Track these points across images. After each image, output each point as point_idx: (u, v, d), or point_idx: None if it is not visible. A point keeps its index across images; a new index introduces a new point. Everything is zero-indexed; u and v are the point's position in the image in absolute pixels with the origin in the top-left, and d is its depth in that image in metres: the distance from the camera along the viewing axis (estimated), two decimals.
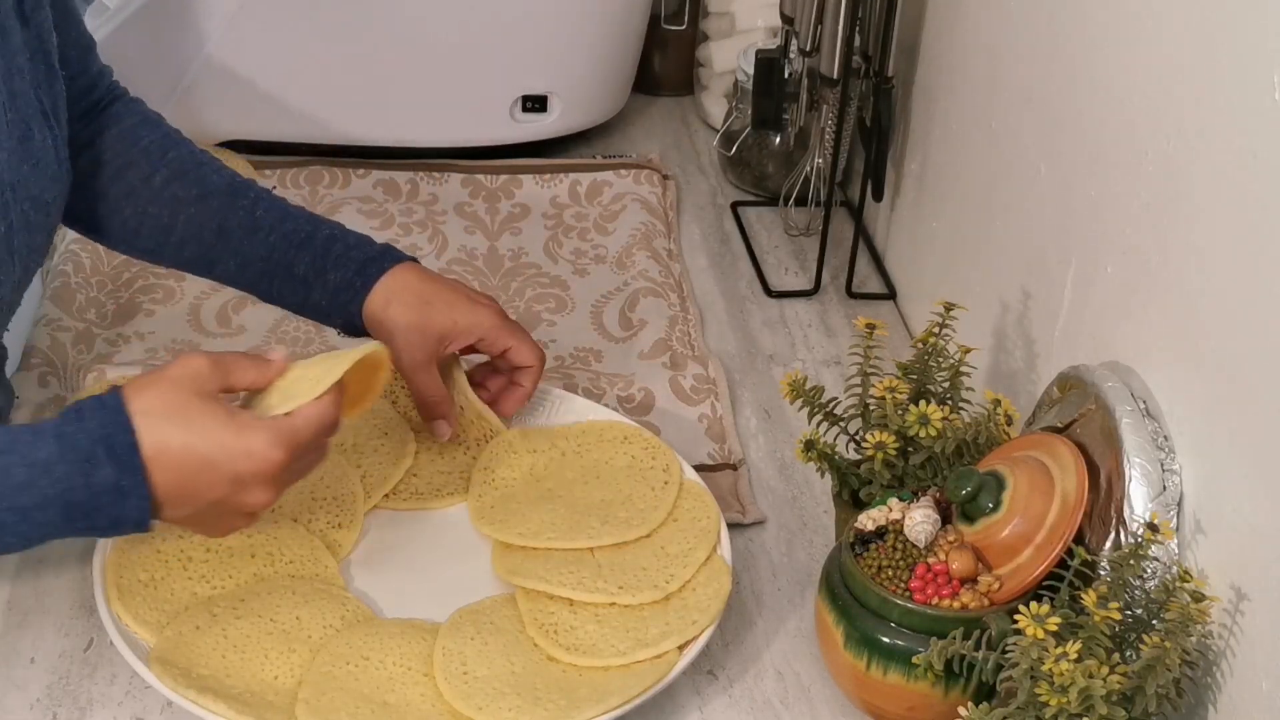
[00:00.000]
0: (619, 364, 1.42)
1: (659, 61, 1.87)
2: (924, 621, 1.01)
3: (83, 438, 0.95)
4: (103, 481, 0.95)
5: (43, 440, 0.95)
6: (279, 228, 1.23)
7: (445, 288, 1.22)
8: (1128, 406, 1.02)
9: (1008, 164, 1.28)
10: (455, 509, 1.22)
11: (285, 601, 1.11)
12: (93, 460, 0.95)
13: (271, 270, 1.22)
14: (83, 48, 1.24)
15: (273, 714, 1.02)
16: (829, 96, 1.48)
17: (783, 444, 1.35)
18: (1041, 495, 1.02)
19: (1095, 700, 0.89)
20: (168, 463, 0.96)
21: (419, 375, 1.20)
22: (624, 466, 1.24)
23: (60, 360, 1.37)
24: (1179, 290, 1.01)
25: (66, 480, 0.95)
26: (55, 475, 0.95)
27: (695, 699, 1.11)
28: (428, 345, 1.19)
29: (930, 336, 1.16)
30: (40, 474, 0.95)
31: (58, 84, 1.15)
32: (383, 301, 1.19)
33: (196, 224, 1.23)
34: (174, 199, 1.23)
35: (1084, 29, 1.13)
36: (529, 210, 1.64)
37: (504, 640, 1.09)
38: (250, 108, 1.63)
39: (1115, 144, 1.09)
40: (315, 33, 1.59)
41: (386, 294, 1.20)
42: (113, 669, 1.09)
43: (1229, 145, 0.94)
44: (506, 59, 1.64)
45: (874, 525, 1.06)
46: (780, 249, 1.63)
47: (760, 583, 1.21)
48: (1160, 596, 0.95)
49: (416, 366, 1.19)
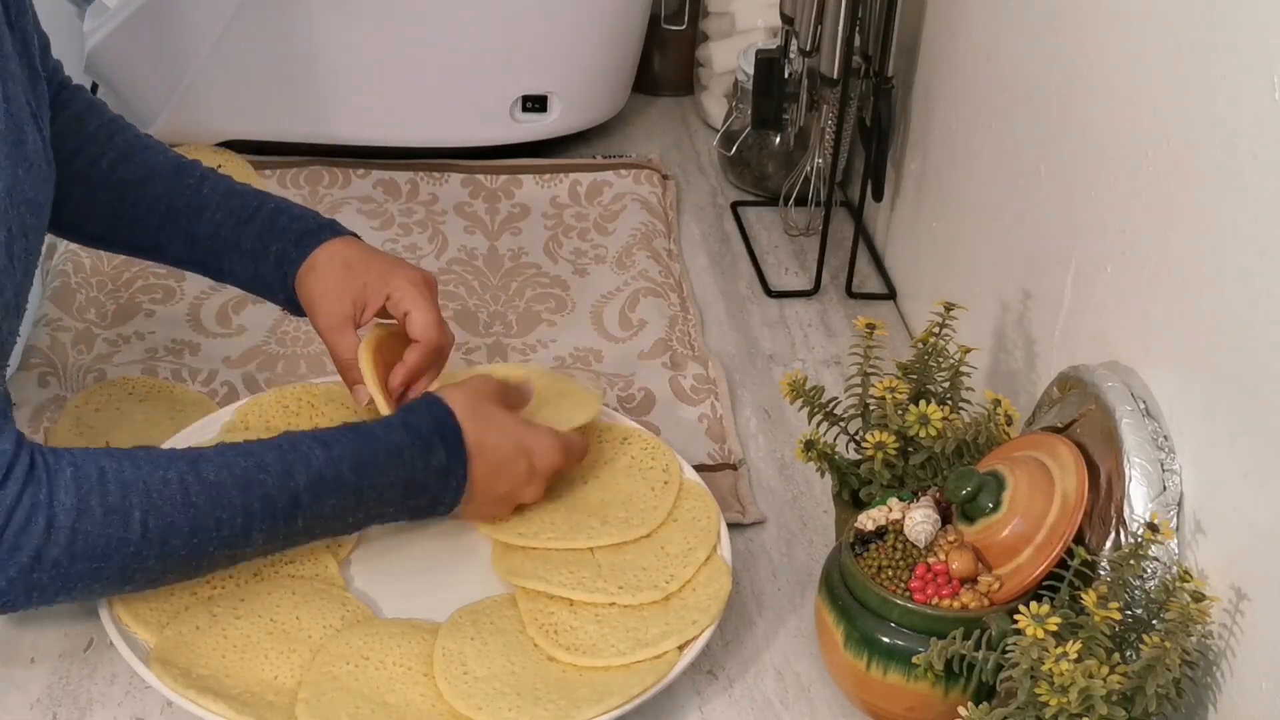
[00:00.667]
0: (619, 364, 1.42)
1: (659, 61, 1.86)
2: (924, 621, 1.01)
3: (424, 427, 1.10)
4: (437, 464, 1.10)
5: (395, 430, 1.10)
6: (225, 204, 1.24)
7: (374, 257, 1.22)
8: (1128, 406, 1.02)
9: (1008, 164, 1.28)
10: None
11: (285, 601, 1.11)
12: (431, 446, 1.10)
13: (219, 247, 1.23)
14: (42, 47, 1.24)
15: (273, 714, 1.02)
16: (829, 96, 1.48)
17: (783, 444, 1.35)
18: (1041, 495, 1.02)
19: (1095, 700, 0.89)
20: (484, 454, 1.12)
21: (331, 336, 1.20)
22: (624, 466, 1.24)
23: (60, 360, 1.36)
24: (1179, 290, 1.01)
25: (412, 464, 1.09)
26: (405, 459, 1.09)
27: (695, 699, 1.11)
28: (343, 307, 1.19)
29: (930, 336, 1.16)
30: (395, 457, 1.08)
31: (40, 86, 1.16)
32: (309, 269, 1.20)
33: (145, 205, 1.24)
34: (121, 182, 1.24)
35: (1083, 29, 1.13)
36: (529, 210, 1.64)
37: (504, 640, 1.09)
38: (250, 108, 1.63)
39: (1115, 144, 1.09)
40: (315, 33, 1.59)
41: (315, 263, 1.21)
42: (113, 669, 1.09)
43: (1229, 145, 0.94)
44: (506, 59, 1.64)
45: (874, 525, 1.06)
46: (780, 249, 1.63)
47: (760, 583, 1.21)
48: (1160, 596, 0.95)
49: (329, 328, 1.20)
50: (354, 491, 1.07)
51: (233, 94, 1.62)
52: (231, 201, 1.24)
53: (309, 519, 1.06)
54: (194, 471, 1.01)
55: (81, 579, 0.98)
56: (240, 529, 1.03)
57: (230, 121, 1.65)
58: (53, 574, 0.97)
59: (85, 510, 0.97)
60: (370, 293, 1.19)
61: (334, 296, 1.19)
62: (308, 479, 1.05)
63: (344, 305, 1.19)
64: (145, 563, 1.00)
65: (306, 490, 1.05)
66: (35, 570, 0.96)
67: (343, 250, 1.21)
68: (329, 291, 1.20)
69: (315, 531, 1.08)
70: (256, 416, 1.26)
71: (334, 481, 1.06)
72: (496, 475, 1.13)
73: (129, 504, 0.98)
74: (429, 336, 1.19)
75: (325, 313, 1.20)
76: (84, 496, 0.97)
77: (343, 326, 1.19)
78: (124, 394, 1.31)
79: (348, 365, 1.20)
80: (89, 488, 0.98)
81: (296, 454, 1.05)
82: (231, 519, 1.02)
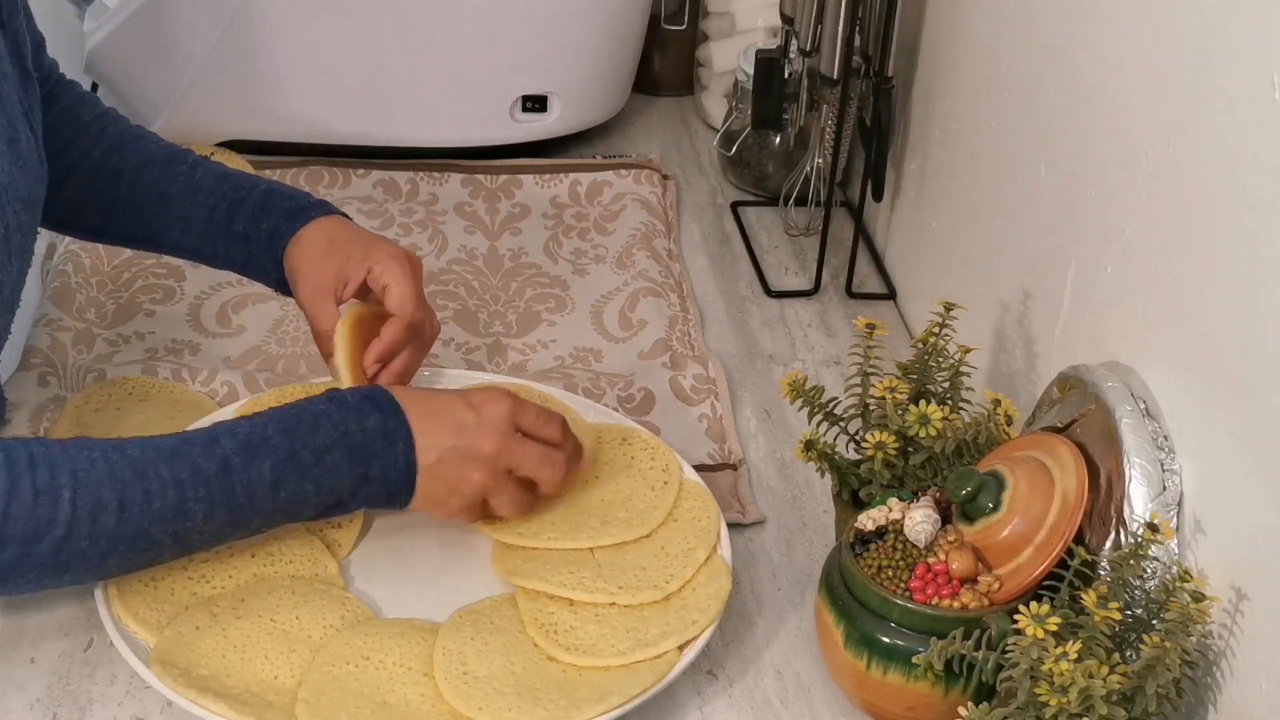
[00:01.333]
0: (619, 364, 1.42)
1: (659, 61, 1.87)
2: (924, 621, 1.01)
3: (349, 397, 1.09)
4: (375, 426, 1.08)
5: (317, 401, 1.09)
6: (217, 188, 1.25)
7: (359, 233, 1.23)
8: (1128, 406, 1.02)
9: (1008, 164, 1.28)
10: None
11: (285, 601, 1.11)
12: (361, 410, 1.08)
13: (213, 231, 1.24)
14: (36, 45, 1.25)
15: (273, 714, 1.02)
16: (829, 96, 1.48)
17: (783, 444, 1.35)
18: (1041, 495, 1.02)
19: (1095, 700, 0.89)
20: (414, 402, 1.10)
21: (311, 306, 1.21)
22: (624, 467, 1.24)
23: (60, 360, 1.36)
24: (1179, 290, 1.01)
25: (344, 424, 1.07)
26: (335, 420, 1.07)
27: (695, 699, 1.11)
28: (324, 279, 1.20)
29: (930, 336, 1.16)
30: (323, 419, 1.07)
31: (32, 86, 1.16)
32: (295, 242, 1.22)
33: (138, 193, 1.25)
34: (114, 171, 1.25)
35: (1083, 29, 1.13)
36: (529, 210, 1.64)
37: (504, 640, 1.09)
38: (250, 108, 1.63)
39: (1115, 144, 1.09)
40: (315, 33, 1.59)
41: (301, 237, 1.22)
42: (113, 669, 1.09)
43: (1229, 145, 0.94)
44: (506, 59, 1.64)
45: (874, 525, 1.06)
46: (780, 249, 1.63)
47: (760, 583, 1.21)
48: (1160, 596, 0.95)
49: (309, 298, 1.21)
50: (289, 455, 1.05)
51: (233, 94, 1.62)
52: (224, 185, 1.25)
53: (248, 488, 1.04)
54: (119, 450, 1.02)
55: (14, 568, 0.98)
56: (173, 501, 1.02)
57: (230, 121, 1.65)
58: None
59: (15, 493, 0.97)
60: (352, 266, 1.20)
61: (316, 268, 1.20)
62: (234, 444, 1.04)
63: (325, 277, 1.20)
64: (78, 544, 0.99)
65: (235, 454, 1.04)
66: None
67: (330, 226, 1.23)
68: (311, 263, 1.21)
69: (264, 504, 1.06)
70: None
71: (262, 445, 1.05)
72: (438, 420, 1.10)
73: (58, 484, 0.99)
74: (405, 310, 1.19)
75: (306, 282, 1.21)
76: (15, 479, 0.98)
77: (323, 297, 1.20)
78: (124, 394, 1.31)
79: (325, 336, 1.20)
80: (19, 471, 0.98)
81: (220, 427, 1.06)
82: (161, 489, 1.01)
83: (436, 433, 1.10)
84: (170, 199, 1.25)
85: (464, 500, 1.12)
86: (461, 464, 1.10)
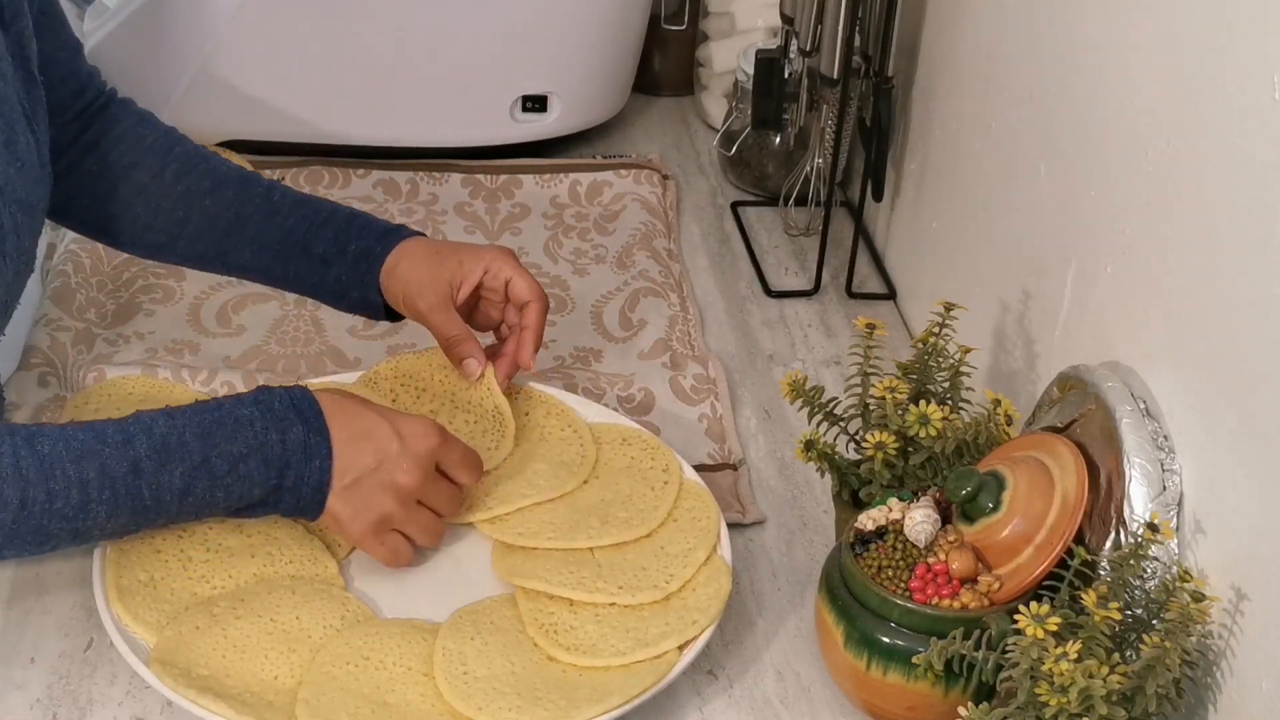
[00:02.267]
0: (619, 364, 1.42)
1: (659, 61, 1.87)
2: (924, 621, 1.01)
3: (277, 403, 1.08)
4: (295, 439, 1.07)
5: (243, 404, 1.08)
6: (297, 210, 1.27)
7: (455, 244, 1.29)
8: (1128, 406, 1.02)
9: (1008, 164, 1.28)
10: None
11: (285, 601, 1.11)
12: (286, 420, 1.08)
13: (288, 252, 1.26)
14: (71, 50, 1.25)
15: (273, 714, 1.02)
16: (829, 96, 1.48)
17: (783, 444, 1.35)
18: (1041, 495, 1.02)
19: (1095, 700, 0.89)
20: (343, 420, 1.09)
21: (435, 316, 1.23)
22: (624, 467, 1.24)
23: (60, 360, 1.36)
24: (1179, 290, 1.01)
25: (265, 435, 1.07)
26: (256, 429, 1.07)
27: (695, 699, 1.11)
28: (439, 288, 1.23)
29: (930, 336, 1.16)
30: (244, 427, 1.06)
31: (36, 89, 1.16)
32: (394, 261, 1.24)
33: (212, 213, 1.26)
34: (187, 191, 1.26)
35: (1083, 29, 1.13)
36: (529, 210, 1.64)
37: (504, 640, 1.09)
38: (250, 108, 1.63)
39: (1115, 144, 1.09)
40: (315, 33, 1.59)
41: (399, 256, 1.25)
42: (113, 669, 1.09)
43: (1229, 145, 0.94)
44: (506, 59, 1.64)
45: (874, 525, 1.06)
46: (780, 249, 1.63)
47: (760, 583, 1.21)
48: (1160, 596, 0.95)
49: (432, 309, 1.23)
50: (202, 462, 1.04)
51: (233, 94, 1.62)
52: (303, 208, 1.27)
53: (156, 491, 1.04)
54: (28, 445, 1.01)
55: None
56: (76, 501, 1.01)
57: (230, 121, 1.65)
58: None
59: None
60: (466, 270, 1.24)
61: (430, 280, 1.23)
62: (149, 446, 1.03)
63: (441, 286, 1.23)
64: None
65: (148, 458, 1.03)
66: None
67: (424, 243, 1.26)
68: (425, 276, 1.23)
69: (170, 507, 1.05)
70: None
71: (178, 449, 1.04)
72: (362, 444, 1.09)
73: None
74: (535, 292, 1.24)
75: (427, 295, 1.23)
76: None
77: (445, 306, 1.23)
78: (123, 394, 1.31)
79: (453, 342, 1.24)
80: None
81: (139, 425, 1.05)
82: (65, 490, 1.01)
83: (358, 456, 1.09)
84: (246, 219, 1.26)
85: (369, 526, 1.11)
86: (376, 491, 1.10)
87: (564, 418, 1.28)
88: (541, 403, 1.29)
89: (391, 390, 1.29)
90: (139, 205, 1.26)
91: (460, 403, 1.27)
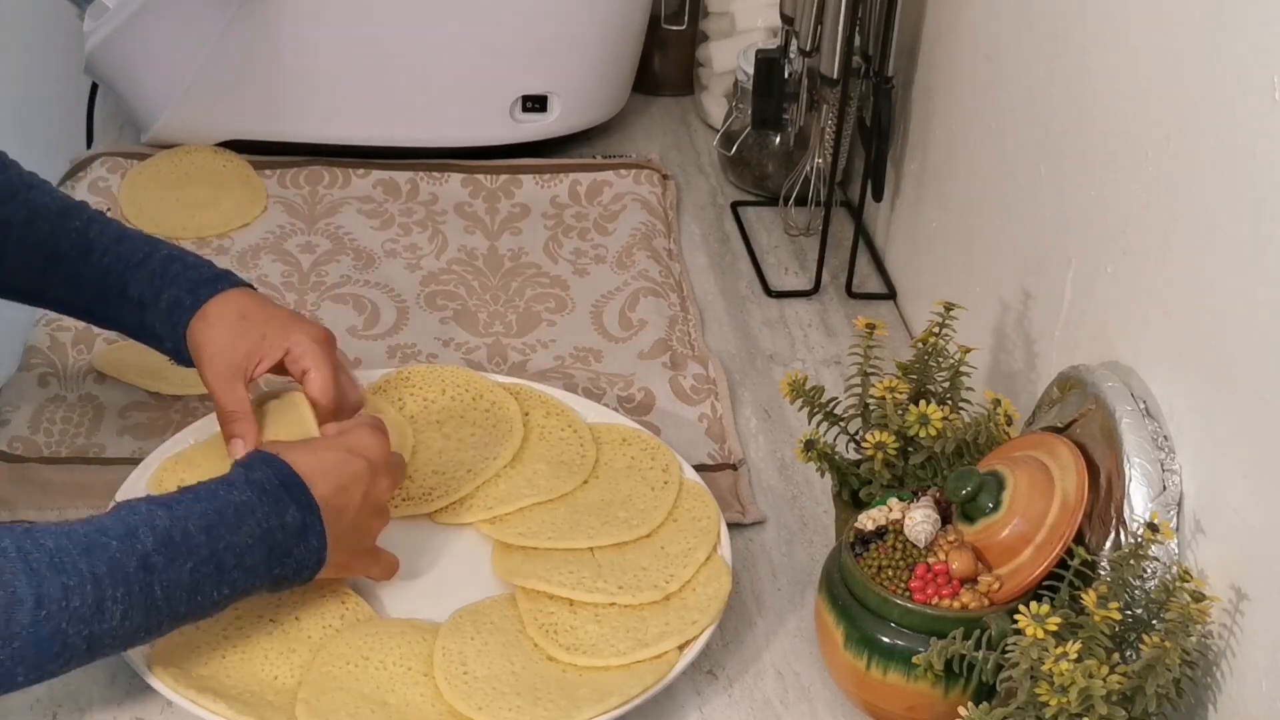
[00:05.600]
0: (619, 364, 1.42)
1: (659, 61, 1.86)
2: (924, 621, 1.01)
3: (266, 483, 1.03)
4: (292, 522, 1.03)
5: (236, 488, 1.02)
6: (114, 249, 1.19)
7: (272, 309, 1.18)
8: (1128, 406, 1.02)
9: (1008, 164, 1.28)
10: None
11: (285, 601, 1.11)
12: (281, 502, 1.03)
13: (105, 293, 1.19)
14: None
15: (273, 714, 1.02)
16: (829, 96, 1.48)
17: (783, 444, 1.35)
18: (1041, 495, 1.02)
19: (1095, 700, 0.89)
20: (322, 479, 1.05)
21: (218, 387, 1.15)
22: (624, 467, 1.24)
23: (60, 360, 1.37)
24: (1179, 290, 1.01)
25: (267, 521, 1.02)
26: (259, 516, 1.01)
27: (695, 699, 1.11)
28: (233, 359, 1.15)
29: (930, 336, 1.16)
30: (246, 515, 1.01)
31: None
32: (202, 319, 1.16)
33: (28, 247, 1.19)
34: (3, 222, 1.19)
35: (1084, 29, 1.13)
36: (529, 210, 1.64)
37: (504, 640, 1.09)
38: (250, 108, 1.63)
39: (1115, 144, 1.09)
40: (315, 33, 1.59)
41: (206, 312, 1.17)
42: (113, 669, 1.09)
43: (1229, 145, 0.94)
44: (506, 59, 1.64)
45: (874, 525, 1.06)
46: (780, 249, 1.63)
47: (760, 583, 1.21)
48: (1160, 596, 0.95)
49: (216, 378, 1.15)
50: (211, 556, 0.98)
51: (233, 94, 1.62)
52: (121, 247, 1.19)
53: (168, 587, 0.97)
54: (30, 538, 0.93)
55: None
56: (92, 600, 0.93)
57: (230, 121, 1.65)
58: None
59: None
60: (268, 346, 1.16)
61: (227, 347, 1.15)
62: (155, 540, 0.96)
63: (236, 356, 1.15)
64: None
65: (156, 553, 0.96)
66: None
67: (239, 300, 1.17)
68: (222, 341, 1.15)
69: (178, 607, 0.98)
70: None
71: (184, 543, 0.97)
72: (343, 495, 1.06)
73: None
74: (328, 397, 1.16)
75: (216, 363, 1.15)
76: None
77: (233, 378, 1.15)
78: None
79: (232, 418, 1.15)
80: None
81: (137, 517, 0.98)
82: (80, 585, 0.92)
83: (345, 507, 1.06)
84: (61, 255, 1.18)
85: (365, 555, 1.11)
86: (365, 520, 1.09)
87: (564, 418, 1.28)
88: (541, 403, 1.29)
89: (400, 397, 1.29)
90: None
91: (467, 416, 1.28)
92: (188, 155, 1.64)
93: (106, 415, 1.31)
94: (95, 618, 0.94)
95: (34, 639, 0.92)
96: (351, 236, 1.57)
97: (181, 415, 1.31)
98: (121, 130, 1.74)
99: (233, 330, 1.16)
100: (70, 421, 1.30)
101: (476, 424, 1.27)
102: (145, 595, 0.96)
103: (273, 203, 1.61)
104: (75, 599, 0.93)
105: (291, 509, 1.03)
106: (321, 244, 1.56)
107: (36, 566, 0.92)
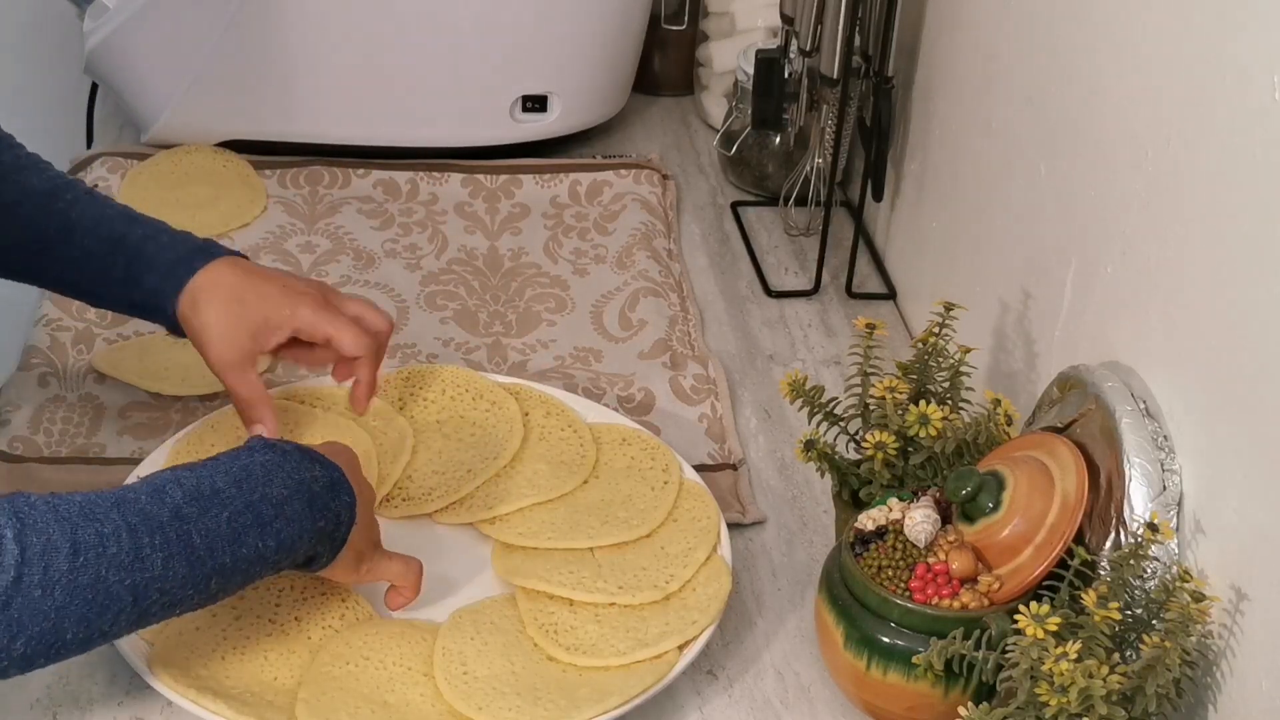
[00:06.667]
0: (619, 364, 1.42)
1: (659, 61, 1.86)
2: (924, 621, 1.01)
3: (287, 448, 1.03)
4: (323, 476, 1.03)
5: (259, 452, 1.02)
6: (94, 230, 1.18)
7: (261, 281, 1.16)
8: (1128, 406, 1.02)
9: (1008, 164, 1.28)
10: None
11: (285, 601, 1.11)
12: (306, 461, 1.03)
13: (93, 275, 1.18)
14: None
15: (273, 714, 1.02)
16: (829, 96, 1.48)
17: (783, 444, 1.35)
18: (1041, 495, 1.02)
19: (1095, 700, 0.89)
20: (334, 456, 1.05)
21: (230, 375, 1.15)
22: (624, 467, 1.24)
23: (60, 360, 1.37)
24: (1179, 290, 1.01)
25: (298, 474, 1.01)
26: (288, 470, 1.01)
27: (695, 699, 1.11)
28: (240, 344, 1.14)
29: (930, 336, 1.16)
30: (275, 470, 1.00)
31: None
32: (191, 303, 1.14)
33: (18, 230, 1.19)
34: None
35: (1084, 29, 1.13)
36: (529, 210, 1.64)
37: (504, 640, 1.09)
38: (250, 108, 1.63)
39: (1115, 144, 1.09)
40: (315, 33, 1.59)
41: (195, 295, 1.15)
42: (113, 669, 1.09)
43: (1229, 145, 0.94)
44: (506, 59, 1.64)
45: (874, 525, 1.06)
46: (780, 249, 1.63)
47: (760, 583, 1.21)
48: (1160, 596, 0.95)
49: (226, 366, 1.14)
50: (247, 506, 0.97)
51: (233, 94, 1.62)
52: (100, 229, 1.18)
53: (206, 536, 0.95)
54: (56, 497, 0.92)
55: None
56: (129, 547, 0.91)
57: (230, 121, 1.65)
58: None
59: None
60: (272, 327, 1.15)
61: (227, 334, 1.14)
62: (184, 495, 0.95)
63: (241, 342, 1.14)
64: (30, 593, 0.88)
65: (188, 504, 0.95)
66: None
67: (226, 278, 1.15)
68: (221, 328, 1.14)
69: (224, 557, 0.96)
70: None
71: (214, 496, 0.96)
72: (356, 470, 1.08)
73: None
74: (363, 348, 1.17)
75: (218, 353, 1.14)
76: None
77: (243, 365, 1.14)
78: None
79: (248, 404, 1.15)
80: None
81: (162, 478, 0.97)
82: (115, 532, 0.91)
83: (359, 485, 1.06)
84: (49, 238, 1.18)
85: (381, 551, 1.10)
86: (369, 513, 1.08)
87: (564, 418, 1.28)
88: (541, 403, 1.29)
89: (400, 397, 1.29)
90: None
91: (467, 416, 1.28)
92: (188, 155, 1.64)
93: (106, 415, 1.32)
94: (136, 565, 0.91)
95: (74, 586, 0.89)
96: (351, 236, 1.57)
97: (181, 415, 1.31)
98: (121, 130, 1.74)
99: (230, 315, 1.14)
100: (70, 421, 1.30)
101: (476, 424, 1.27)
102: (184, 543, 0.94)
103: (273, 203, 1.61)
104: (112, 545, 0.91)
105: (316, 466, 1.03)
106: (321, 244, 1.56)
107: (68, 515, 0.90)
